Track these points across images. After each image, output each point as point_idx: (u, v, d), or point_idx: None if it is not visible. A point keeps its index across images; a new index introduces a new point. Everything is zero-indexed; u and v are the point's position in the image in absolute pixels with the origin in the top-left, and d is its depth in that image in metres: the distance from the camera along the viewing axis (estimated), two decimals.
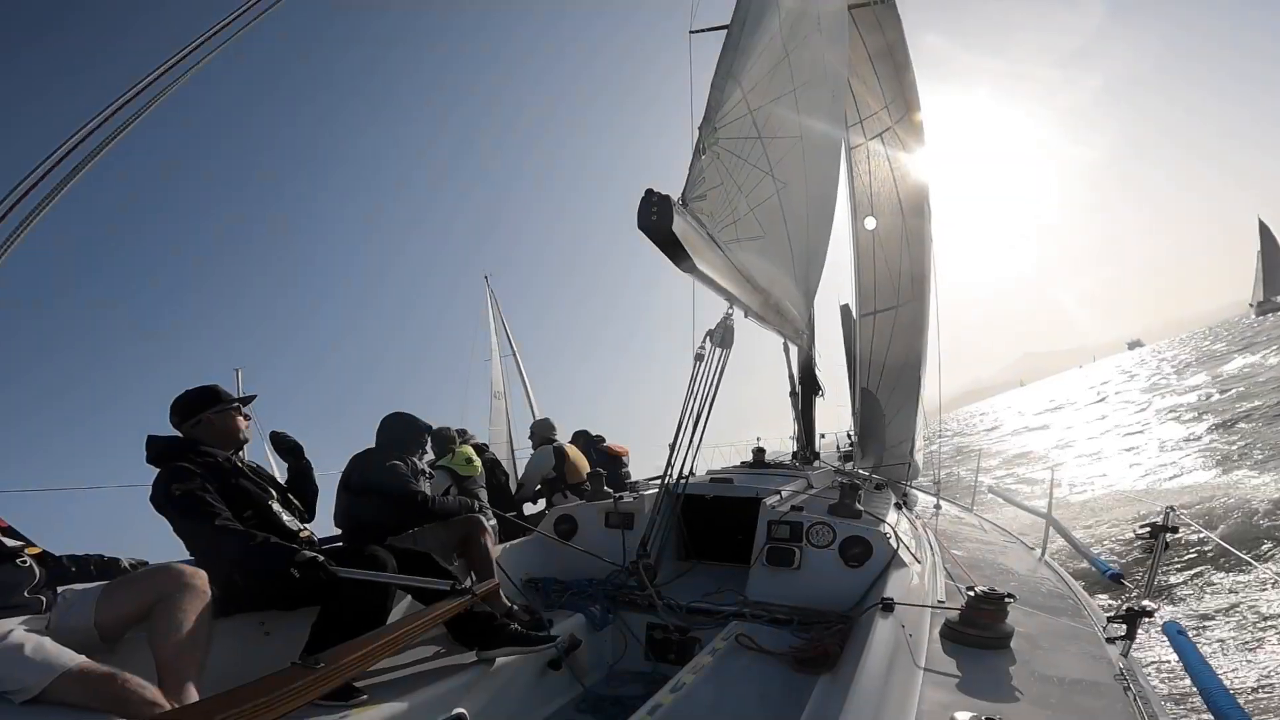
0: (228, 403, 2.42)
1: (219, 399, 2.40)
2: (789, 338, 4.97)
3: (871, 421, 6.55)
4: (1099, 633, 2.31)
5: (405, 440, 3.36)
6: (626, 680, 2.80)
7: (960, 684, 1.79)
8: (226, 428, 2.40)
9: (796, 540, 3.00)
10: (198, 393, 2.40)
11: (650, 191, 2.57)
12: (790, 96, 3.36)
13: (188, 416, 2.35)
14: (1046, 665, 1.93)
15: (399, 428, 3.38)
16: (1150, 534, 2.71)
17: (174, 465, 2.16)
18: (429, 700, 2.12)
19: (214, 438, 2.35)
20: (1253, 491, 9.08)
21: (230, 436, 2.41)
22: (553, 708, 2.54)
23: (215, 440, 2.35)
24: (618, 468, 6.33)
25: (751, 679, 2.26)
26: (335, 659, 1.62)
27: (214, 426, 2.37)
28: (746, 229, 3.22)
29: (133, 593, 1.79)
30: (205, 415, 2.36)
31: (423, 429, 3.47)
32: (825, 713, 1.76)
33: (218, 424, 2.38)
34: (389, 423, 3.39)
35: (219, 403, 2.39)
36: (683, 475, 3.23)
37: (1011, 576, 3.21)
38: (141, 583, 1.82)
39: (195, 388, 2.42)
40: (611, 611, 3.02)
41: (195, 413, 2.36)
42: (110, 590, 1.80)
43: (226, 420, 2.40)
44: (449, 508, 3.20)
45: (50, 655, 1.57)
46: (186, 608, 1.75)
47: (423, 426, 3.47)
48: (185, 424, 2.35)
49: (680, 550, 3.73)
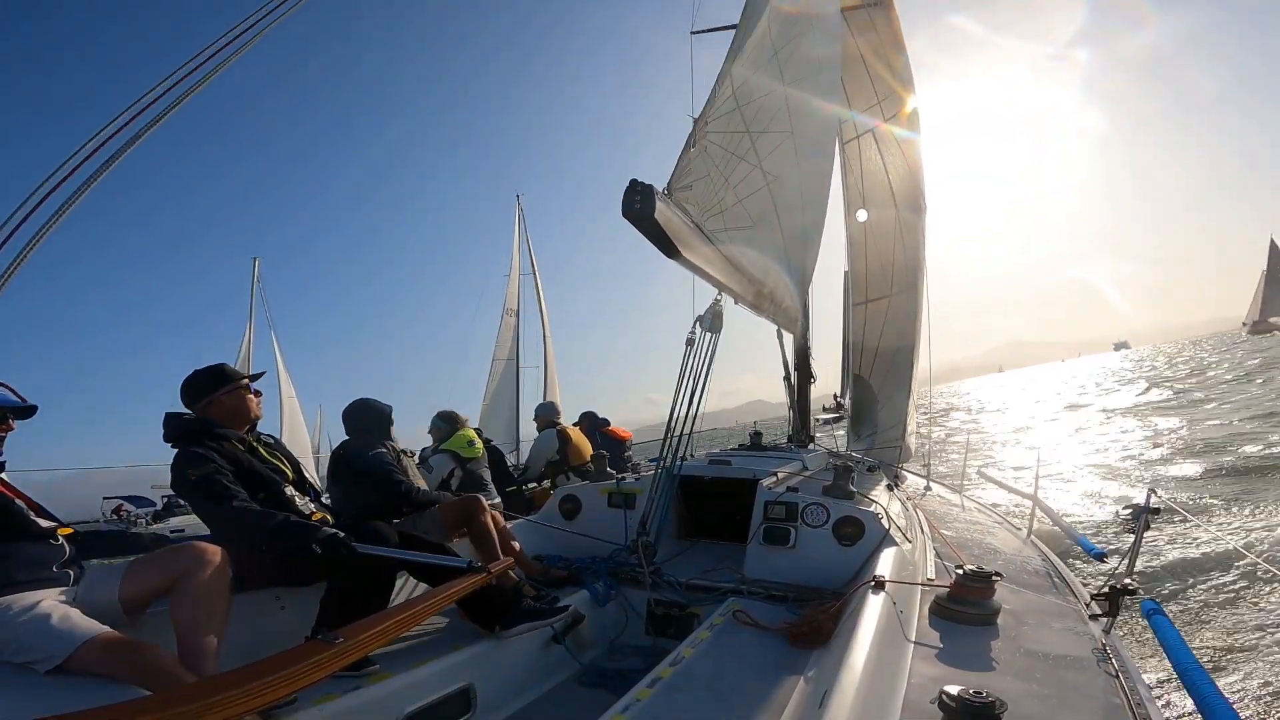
0: (237, 382, 2.42)
1: (227, 379, 2.41)
2: (783, 325, 5.03)
3: (864, 406, 6.65)
4: (1082, 610, 2.37)
5: (374, 427, 3.35)
6: (627, 654, 2.87)
7: (949, 659, 1.85)
8: (237, 407, 2.41)
9: (792, 520, 3.07)
10: (206, 373, 2.41)
11: (634, 181, 2.63)
12: (780, 93, 3.40)
13: (198, 398, 2.37)
14: (1031, 641, 1.98)
15: (367, 416, 3.36)
16: (1132, 514, 2.77)
17: (188, 450, 2.18)
18: (437, 673, 2.19)
19: (225, 417, 2.36)
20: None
21: (241, 415, 2.42)
22: (556, 680, 2.61)
23: (227, 420, 2.36)
24: (620, 450, 6.41)
25: (748, 653, 2.31)
26: (354, 634, 1.68)
27: (224, 407, 2.38)
28: (735, 219, 3.28)
29: (156, 569, 1.85)
30: (215, 396, 2.37)
31: (385, 411, 3.43)
32: (819, 686, 1.81)
33: (228, 404, 2.39)
34: (355, 413, 3.35)
35: (227, 382, 2.40)
36: (679, 456, 3.30)
37: (998, 556, 3.29)
38: (165, 559, 1.87)
39: (204, 368, 2.43)
40: (613, 588, 3.09)
41: (205, 394, 2.37)
42: (135, 566, 1.87)
43: (236, 400, 2.41)
44: (427, 498, 3.17)
45: (75, 625, 1.63)
46: (207, 583, 1.81)
47: (385, 409, 3.44)
48: (196, 405, 2.36)
49: (680, 529, 3.82)
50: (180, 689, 1.51)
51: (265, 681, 1.42)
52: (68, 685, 1.57)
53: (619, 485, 3.64)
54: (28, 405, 1.90)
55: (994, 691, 1.34)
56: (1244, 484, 9.22)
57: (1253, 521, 7.43)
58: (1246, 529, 7.18)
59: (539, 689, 2.54)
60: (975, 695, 1.32)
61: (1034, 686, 1.68)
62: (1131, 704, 1.61)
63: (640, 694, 1.94)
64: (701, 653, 2.26)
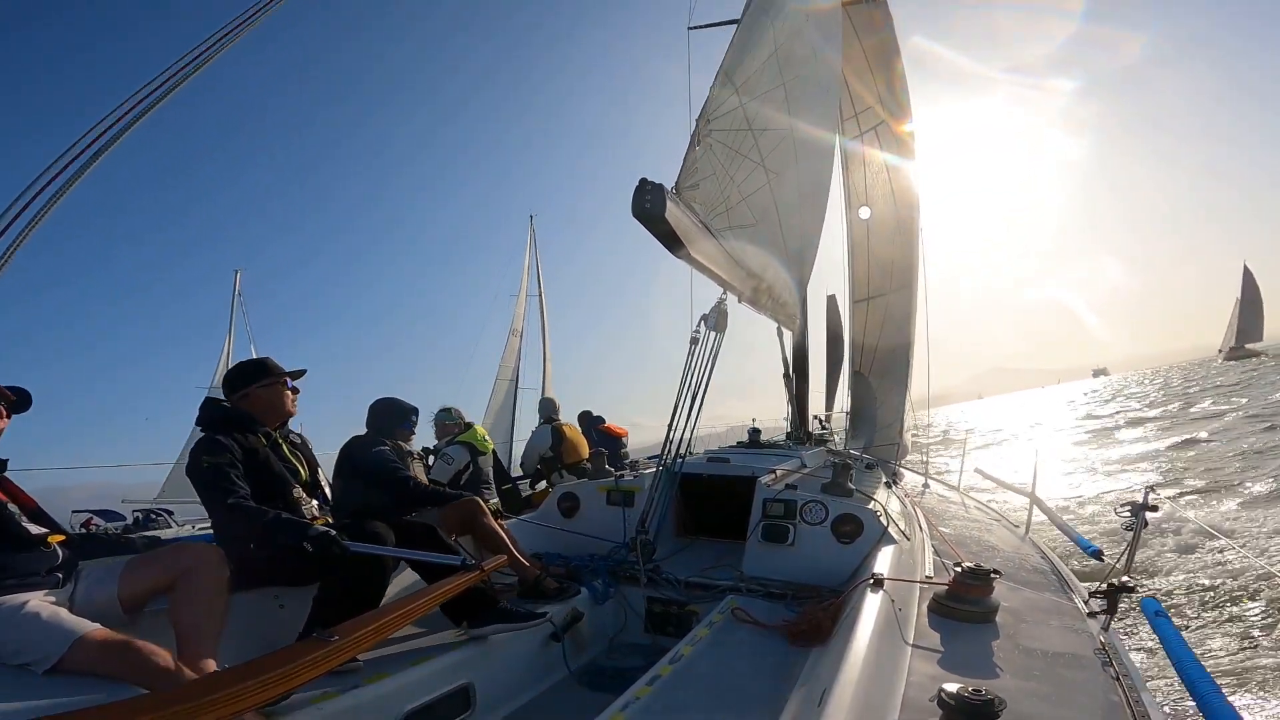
0: (277, 377, 2.44)
1: (267, 373, 2.43)
2: (782, 323, 5.03)
3: (863, 403, 6.66)
4: (1081, 608, 2.37)
5: (387, 424, 3.42)
6: (627, 652, 2.87)
7: (947, 657, 1.85)
8: (273, 402, 2.42)
9: (791, 517, 3.07)
10: (250, 365, 2.44)
11: (644, 180, 2.62)
12: (781, 91, 3.41)
13: (236, 388, 2.39)
14: (1030, 639, 1.98)
15: (382, 413, 3.45)
16: (1131, 513, 2.77)
17: (211, 437, 2.20)
18: (436, 671, 2.18)
19: (260, 411, 2.38)
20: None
21: (275, 411, 2.43)
22: (555, 679, 2.60)
23: (261, 413, 2.38)
24: (617, 448, 6.41)
25: (746, 651, 2.31)
26: (349, 632, 1.67)
27: (260, 400, 2.40)
28: (738, 217, 3.28)
29: (156, 568, 1.84)
30: (252, 389, 2.39)
31: (407, 410, 3.52)
32: (817, 684, 1.81)
33: (264, 398, 2.40)
34: (374, 408, 3.46)
35: (267, 376, 2.42)
36: (679, 454, 3.30)
37: (996, 553, 3.29)
38: (165, 559, 1.86)
39: (249, 359, 2.47)
40: (612, 586, 3.09)
41: (243, 385, 2.39)
42: (134, 565, 1.85)
43: (273, 395, 2.42)
44: (429, 494, 3.21)
45: (66, 623, 1.62)
46: (206, 583, 1.81)
47: (407, 408, 3.52)
48: (234, 395, 2.39)
49: (679, 527, 3.81)
50: (178, 688, 1.50)
51: (261, 680, 1.42)
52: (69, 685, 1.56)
53: (618, 483, 3.63)
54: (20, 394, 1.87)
55: (993, 690, 1.34)
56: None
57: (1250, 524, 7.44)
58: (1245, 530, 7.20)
59: (538, 687, 2.54)
60: (974, 694, 1.32)
61: (1033, 684, 1.68)
62: (1130, 701, 1.61)
63: (639, 692, 1.94)
64: (700, 651, 2.26)
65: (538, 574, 2.89)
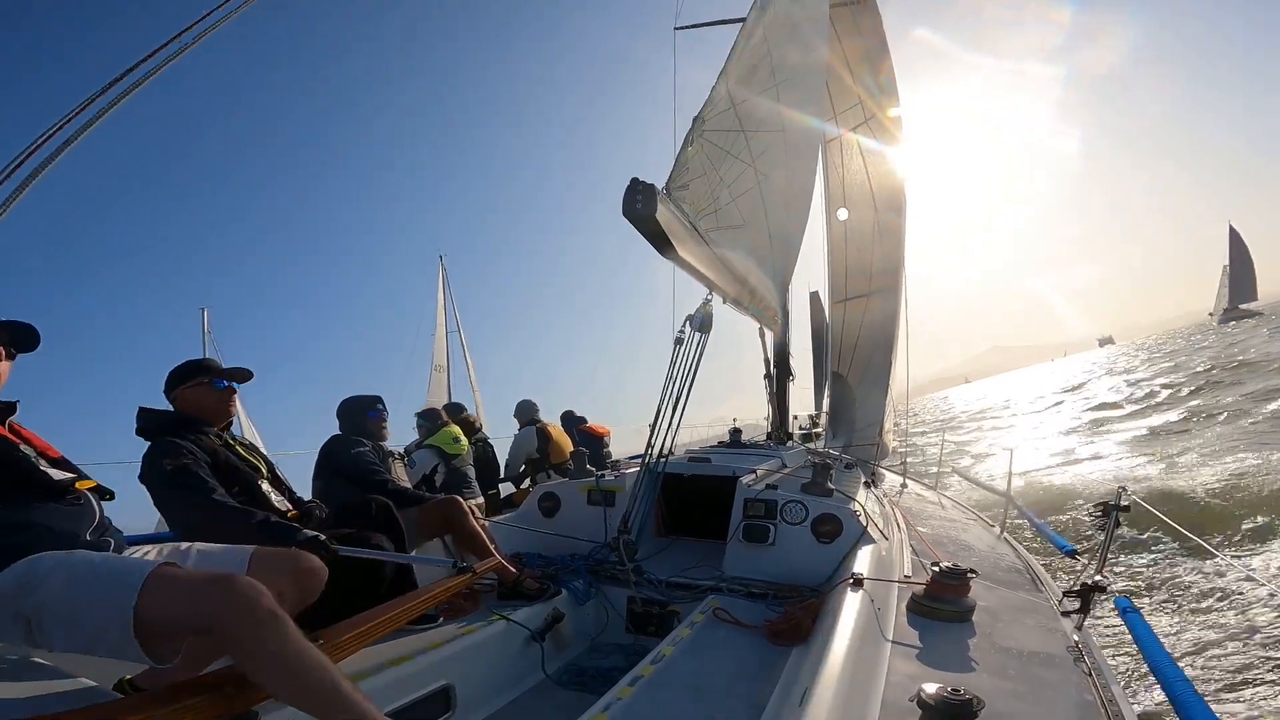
0: (209, 376, 2.36)
1: (200, 372, 2.35)
2: (764, 323, 5.07)
3: (842, 404, 6.73)
4: (1055, 607, 2.41)
5: (356, 420, 3.44)
6: (608, 652, 2.87)
7: (925, 655, 1.89)
8: (201, 403, 2.33)
9: (771, 517, 3.09)
10: (185, 365, 2.36)
11: (635, 180, 2.62)
12: (773, 91, 3.43)
13: (173, 388, 2.32)
14: (1006, 638, 2.02)
15: (347, 412, 3.47)
16: (1103, 512, 2.83)
17: (164, 440, 2.12)
18: (416, 672, 2.16)
19: (200, 412, 2.30)
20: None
21: (207, 413, 2.34)
22: (536, 679, 2.60)
23: (201, 414, 2.30)
24: (599, 447, 6.43)
25: (728, 650, 2.32)
26: (334, 636, 1.66)
27: (190, 401, 2.31)
28: (727, 218, 3.29)
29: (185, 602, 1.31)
30: (180, 390, 2.31)
31: (366, 403, 3.50)
32: (798, 683, 1.84)
33: (193, 399, 2.32)
34: (339, 410, 3.48)
35: (198, 375, 2.34)
36: (662, 454, 3.31)
37: (973, 553, 3.34)
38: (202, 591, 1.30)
39: (188, 360, 2.38)
40: (594, 586, 3.09)
41: (172, 387, 2.32)
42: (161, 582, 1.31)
43: (200, 395, 2.34)
44: (409, 496, 3.18)
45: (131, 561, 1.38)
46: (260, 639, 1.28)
47: (367, 400, 3.51)
48: (168, 397, 2.32)
49: (660, 527, 3.83)
50: (158, 690, 1.48)
51: (243, 684, 1.40)
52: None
53: (599, 483, 3.64)
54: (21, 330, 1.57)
55: (970, 689, 1.37)
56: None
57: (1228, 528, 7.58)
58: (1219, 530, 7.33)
59: (519, 688, 2.53)
60: (953, 694, 1.35)
61: (1009, 684, 1.72)
62: (1104, 700, 1.65)
63: (621, 692, 1.95)
64: (682, 651, 2.27)
65: (516, 575, 2.88)
